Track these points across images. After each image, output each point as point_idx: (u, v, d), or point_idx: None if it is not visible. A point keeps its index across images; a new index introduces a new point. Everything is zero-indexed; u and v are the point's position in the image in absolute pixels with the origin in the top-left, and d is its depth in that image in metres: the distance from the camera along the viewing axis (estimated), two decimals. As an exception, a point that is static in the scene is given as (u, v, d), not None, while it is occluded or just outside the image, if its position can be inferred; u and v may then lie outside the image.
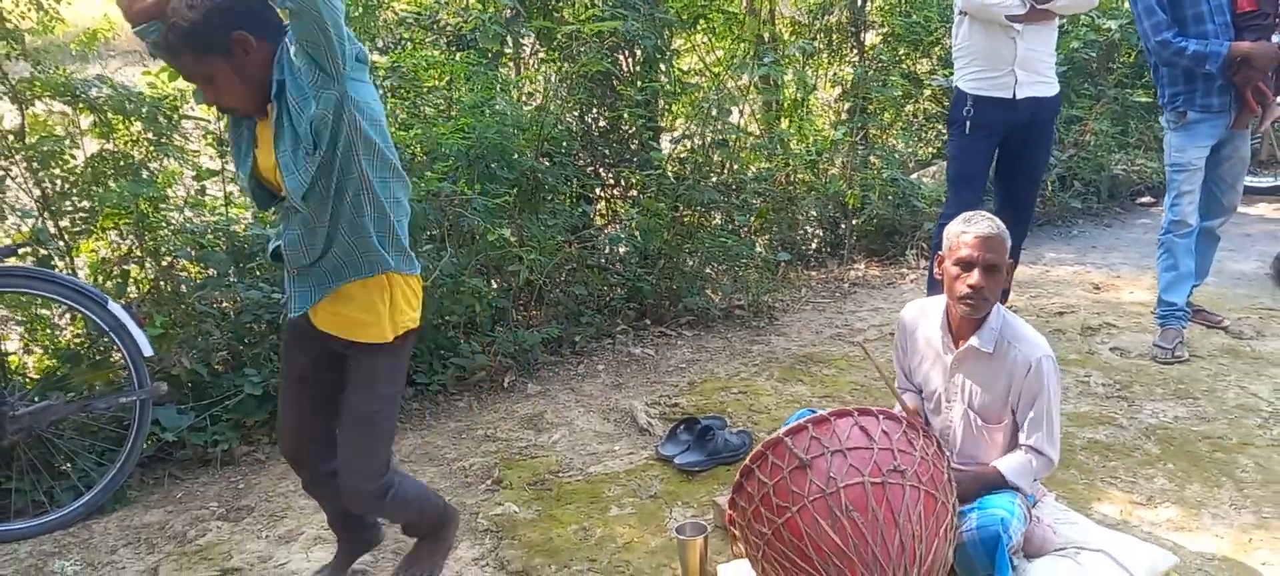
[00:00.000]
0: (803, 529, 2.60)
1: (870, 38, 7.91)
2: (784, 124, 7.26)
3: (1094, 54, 7.57)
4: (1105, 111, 7.62)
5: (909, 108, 7.97)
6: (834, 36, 7.79)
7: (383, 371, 2.63)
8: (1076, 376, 4.48)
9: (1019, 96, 4.41)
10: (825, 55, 7.83)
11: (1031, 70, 4.40)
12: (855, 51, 7.74)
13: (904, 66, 7.79)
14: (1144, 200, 7.80)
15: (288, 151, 2.40)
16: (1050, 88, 4.50)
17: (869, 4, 7.80)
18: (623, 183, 6.23)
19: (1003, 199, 4.73)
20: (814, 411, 2.88)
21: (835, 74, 7.81)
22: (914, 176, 7.27)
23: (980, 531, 2.81)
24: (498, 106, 5.10)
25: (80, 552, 3.36)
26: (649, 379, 4.69)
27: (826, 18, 7.74)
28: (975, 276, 2.84)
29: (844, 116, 7.33)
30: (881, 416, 2.76)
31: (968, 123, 4.48)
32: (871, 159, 6.95)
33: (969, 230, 2.86)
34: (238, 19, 2.32)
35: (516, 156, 4.94)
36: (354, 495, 2.67)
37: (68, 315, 4.08)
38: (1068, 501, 3.37)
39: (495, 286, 4.94)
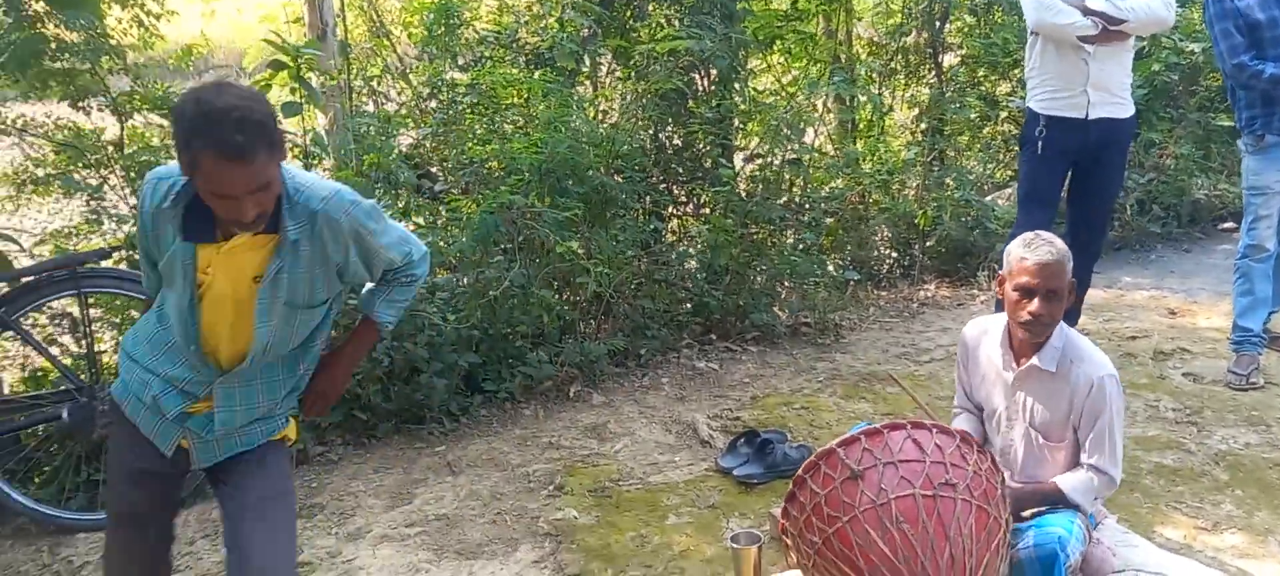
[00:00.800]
0: (853, 539, 2.63)
1: (949, 59, 7.88)
2: (858, 144, 7.27)
3: (1176, 76, 7.44)
4: (1187, 135, 7.47)
5: (987, 130, 7.91)
6: (911, 57, 7.78)
7: (285, 464, 2.45)
8: (1146, 400, 4.42)
9: (1091, 117, 4.38)
10: (902, 76, 7.82)
11: (1105, 91, 4.37)
12: (933, 73, 7.72)
13: (983, 88, 7.74)
14: (1226, 226, 7.61)
15: (281, 301, 2.22)
16: (1124, 109, 4.46)
17: (948, 25, 7.77)
18: (696, 200, 6.30)
19: (1075, 220, 4.69)
20: (870, 423, 2.92)
21: (912, 95, 7.79)
22: (989, 198, 7.21)
23: (1037, 549, 2.81)
24: (573, 123, 5.21)
25: (162, 542, 3.52)
26: (712, 392, 4.75)
27: (903, 39, 7.73)
28: (1035, 304, 2.83)
29: (918, 137, 7.31)
30: (935, 430, 2.78)
31: (1040, 143, 4.46)
32: (946, 180, 6.92)
33: (1029, 256, 2.85)
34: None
35: (589, 172, 5.05)
36: None
37: (156, 316, 4.27)
38: (1130, 524, 3.33)
39: (564, 298, 5.04)
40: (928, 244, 6.79)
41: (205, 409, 2.29)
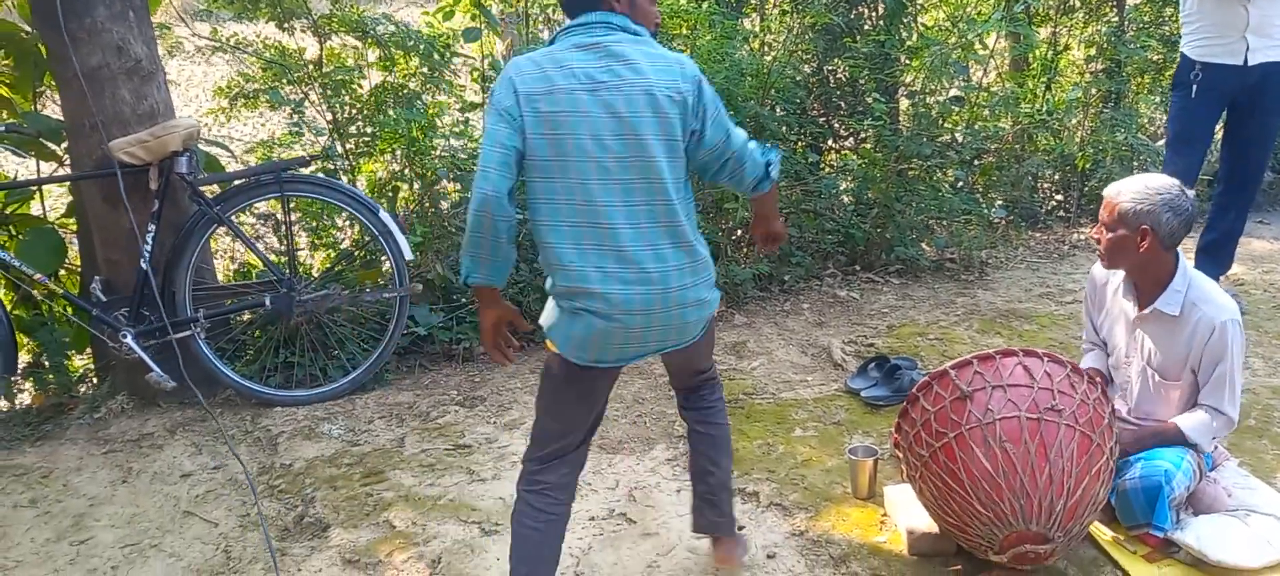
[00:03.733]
0: (957, 454, 2.81)
1: (1133, -4, 7.64)
2: (1029, 82, 7.18)
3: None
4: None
5: (1169, 72, 7.64)
6: (1091, -6, 7.57)
7: None
8: (1292, 352, 4.37)
9: (1251, 63, 4.31)
10: (1082, 13, 7.62)
11: (1266, 35, 4.29)
12: (1114, 10, 7.49)
13: (1167, 29, 7.48)
14: None
15: None
16: None
17: (1133, -39, 7.53)
18: (856, 134, 6.40)
19: (1230, 165, 4.64)
20: (995, 355, 3.09)
21: (1091, 34, 7.60)
22: (1160, 143, 7.01)
23: (1143, 480, 2.92)
24: (736, 55, 5.39)
25: (344, 420, 4.00)
26: (850, 320, 4.93)
27: (1086, -25, 7.53)
28: (1096, 226, 3.02)
29: (1088, 77, 7.15)
30: (1046, 359, 2.91)
31: (1194, 86, 4.42)
32: (1119, 120, 6.78)
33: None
34: None
35: (745, 103, 5.24)
36: None
37: (347, 220, 4.75)
38: (1253, 469, 3.37)
39: (714, 223, 5.28)
40: (1088, 186, 6.70)
41: None
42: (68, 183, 4.43)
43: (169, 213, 4.04)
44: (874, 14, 6.46)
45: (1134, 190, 2.94)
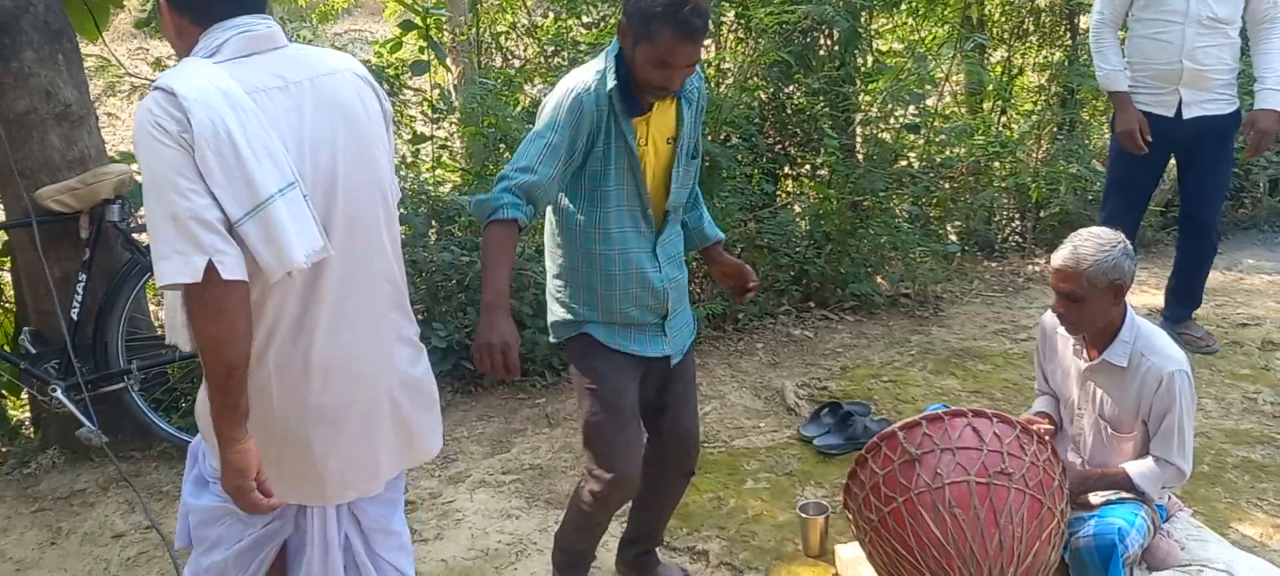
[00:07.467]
0: (906, 519, 2.76)
1: (1086, 21, 7.63)
2: (986, 107, 7.15)
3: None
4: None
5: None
6: (1044, 18, 7.57)
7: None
8: (1244, 392, 4.34)
9: (1185, 116, 4.32)
10: (1035, 38, 7.62)
11: (1201, 88, 4.31)
12: (1068, 34, 7.50)
13: (1122, 50, 7.48)
14: (1373, 208, 7.24)
15: (685, 153, 2.61)
16: (1226, 104, 4.37)
17: (1085, -16, 7.53)
18: (811, 162, 6.34)
19: (1186, 210, 4.66)
20: (947, 406, 3.04)
21: (1044, 58, 7.60)
22: (1114, 170, 7.02)
23: (1096, 538, 2.88)
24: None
25: (285, 472, 3.88)
26: (805, 360, 4.87)
27: (1037, -1, 7.53)
28: (1056, 301, 2.92)
29: (1042, 105, 7.15)
30: (995, 419, 2.86)
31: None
32: (1070, 151, 6.77)
33: (1055, 257, 2.91)
34: None
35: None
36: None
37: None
38: (1207, 518, 3.35)
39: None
40: (1041, 216, 6.69)
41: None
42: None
43: (101, 261, 3.91)
44: (830, 41, 6.41)
45: (1090, 251, 2.86)
